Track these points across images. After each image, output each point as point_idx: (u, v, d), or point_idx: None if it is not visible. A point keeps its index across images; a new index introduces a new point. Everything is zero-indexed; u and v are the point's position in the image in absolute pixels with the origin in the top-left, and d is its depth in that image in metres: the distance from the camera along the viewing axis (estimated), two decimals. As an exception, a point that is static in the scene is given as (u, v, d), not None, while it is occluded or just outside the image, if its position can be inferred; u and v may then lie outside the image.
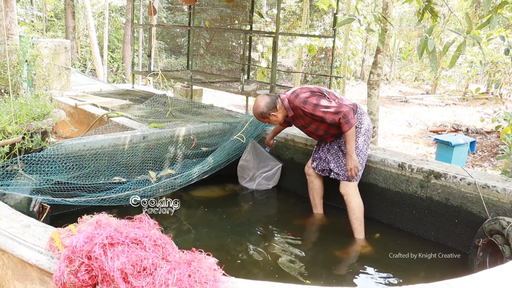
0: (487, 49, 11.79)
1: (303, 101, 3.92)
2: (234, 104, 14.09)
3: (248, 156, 4.95)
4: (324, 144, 4.26)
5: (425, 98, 17.58)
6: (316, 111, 3.87)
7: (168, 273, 1.94)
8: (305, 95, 3.94)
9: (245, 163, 4.97)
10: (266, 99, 4.04)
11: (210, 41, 8.02)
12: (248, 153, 4.94)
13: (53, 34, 17.29)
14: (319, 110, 3.86)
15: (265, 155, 4.98)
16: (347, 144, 3.89)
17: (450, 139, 6.64)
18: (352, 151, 3.88)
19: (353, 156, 3.88)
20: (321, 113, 3.86)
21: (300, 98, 3.94)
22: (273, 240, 3.97)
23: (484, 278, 2.19)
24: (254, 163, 4.95)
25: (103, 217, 2.22)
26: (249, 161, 4.96)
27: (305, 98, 3.92)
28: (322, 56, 12.07)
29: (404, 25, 24.02)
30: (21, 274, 2.45)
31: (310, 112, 3.90)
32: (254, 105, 4.11)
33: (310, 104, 3.89)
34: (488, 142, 10.19)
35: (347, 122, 3.79)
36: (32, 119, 3.64)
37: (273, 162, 5.00)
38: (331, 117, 3.84)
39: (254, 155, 4.95)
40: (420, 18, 4.79)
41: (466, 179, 3.74)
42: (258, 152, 4.96)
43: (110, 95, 7.20)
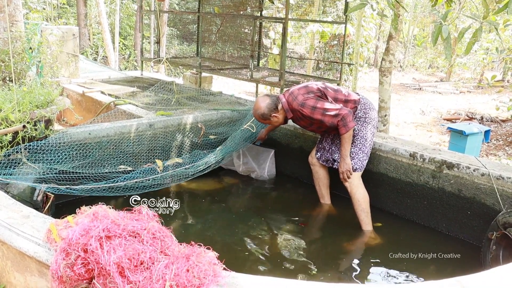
0: (503, 35, 11.53)
1: (300, 104, 3.89)
2: (246, 91, 14.00)
3: (244, 159, 4.95)
4: (328, 134, 4.20)
5: (439, 86, 17.33)
6: (314, 114, 3.85)
7: (166, 268, 1.88)
8: (302, 97, 3.90)
9: (245, 167, 4.96)
10: (267, 100, 4.01)
11: (220, 27, 7.91)
12: (243, 156, 4.94)
13: (65, 21, 17.27)
14: (318, 113, 3.84)
15: (257, 150, 4.99)
16: (341, 147, 3.89)
17: (464, 128, 6.49)
18: (346, 155, 3.88)
19: (346, 160, 3.89)
20: (319, 116, 3.84)
21: (297, 101, 3.91)
22: (279, 232, 3.90)
23: (497, 275, 2.10)
24: (253, 162, 4.93)
25: (101, 209, 2.16)
26: (247, 163, 4.97)
27: (302, 101, 3.89)
28: (335, 43, 11.88)
29: (418, 11, 23.63)
30: (21, 266, 2.41)
31: (308, 115, 3.88)
32: (254, 106, 4.07)
33: (308, 107, 3.86)
34: (503, 130, 9.99)
35: (344, 125, 3.78)
36: (36, 107, 3.59)
37: (266, 152, 5.00)
38: (330, 120, 3.81)
39: (250, 156, 4.95)
40: (434, 3, 4.65)
41: (480, 169, 3.63)
42: (252, 152, 4.96)
43: (119, 82, 7.15)
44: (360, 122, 4.01)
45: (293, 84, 6.22)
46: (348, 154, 3.89)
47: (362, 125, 4.01)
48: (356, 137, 3.99)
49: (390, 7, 4.53)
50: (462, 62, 17.03)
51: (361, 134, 4.00)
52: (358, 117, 4.02)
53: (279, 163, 5.16)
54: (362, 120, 4.02)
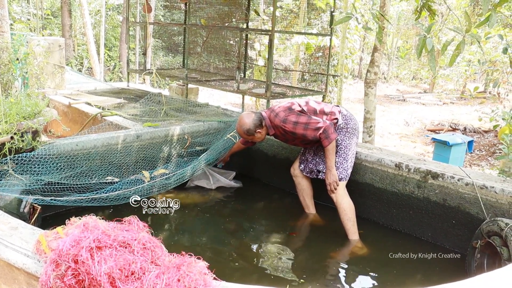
0: (485, 48, 11.74)
1: (282, 120, 3.98)
2: (231, 103, 14.04)
3: (214, 179, 4.95)
4: (310, 147, 4.26)
5: (423, 97, 17.54)
6: (296, 129, 3.94)
7: (157, 278, 1.89)
8: (284, 113, 4.00)
9: (216, 185, 4.96)
10: (252, 116, 4.08)
11: (206, 39, 7.95)
12: (211, 177, 4.94)
13: (50, 32, 17.19)
14: (300, 128, 3.92)
15: (218, 171, 5.01)
16: (326, 159, 3.96)
17: (448, 139, 6.59)
18: (332, 166, 3.95)
19: (332, 171, 3.95)
20: (302, 130, 3.92)
21: (279, 117, 4.00)
22: (267, 241, 3.91)
23: (482, 282, 2.14)
24: (222, 181, 4.97)
25: (91, 220, 2.16)
26: (218, 182, 4.98)
27: (284, 117, 3.97)
28: (320, 54, 11.99)
29: (402, 23, 23.96)
30: (8, 278, 2.39)
31: (290, 130, 3.97)
32: (239, 122, 4.12)
33: (290, 123, 3.95)
34: (485, 141, 10.15)
35: (327, 137, 3.86)
36: (23, 118, 3.57)
37: (227, 174, 5.03)
38: (312, 134, 3.90)
39: (217, 176, 4.97)
40: (418, 16, 4.74)
41: (464, 179, 3.69)
42: (215, 175, 4.96)
43: (105, 93, 7.13)
44: (342, 133, 4.09)
45: (279, 95, 6.27)
46: (334, 165, 3.94)
47: (344, 135, 4.09)
48: (340, 147, 4.06)
49: (375, 20, 4.61)
50: (445, 73, 17.26)
51: (344, 144, 4.07)
52: (340, 128, 4.09)
53: (267, 174, 5.20)
54: (344, 130, 4.10)
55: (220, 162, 4.89)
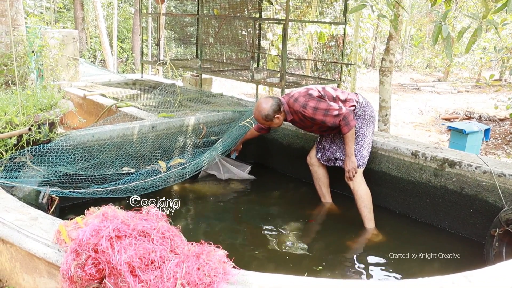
0: (501, 34, 11.57)
1: (302, 105, 3.94)
2: (244, 93, 14.02)
3: (224, 169, 4.95)
4: (328, 134, 4.24)
5: (437, 86, 17.35)
6: (316, 114, 3.90)
7: (177, 266, 1.90)
8: (303, 99, 3.96)
9: (228, 175, 4.95)
10: (270, 101, 4.02)
11: (219, 29, 7.94)
12: (221, 167, 4.93)
13: (63, 25, 17.27)
14: (320, 114, 3.89)
15: (232, 162, 5.00)
16: (346, 146, 3.94)
17: (464, 127, 6.52)
18: (351, 153, 3.93)
19: (352, 158, 3.93)
20: (321, 116, 3.89)
21: (299, 102, 3.96)
22: (284, 230, 3.92)
23: (502, 270, 2.12)
24: (234, 172, 4.95)
25: (110, 209, 2.18)
26: (228, 172, 4.97)
27: (304, 102, 3.93)
28: (333, 43, 11.91)
29: (415, 11, 23.69)
30: (30, 267, 2.43)
31: (310, 116, 3.93)
32: (257, 107, 4.06)
33: (310, 108, 3.91)
34: (501, 129, 10.03)
35: (346, 124, 3.83)
36: (40, 110, 3.59)
37: (242, 167, 5.02)
38: (331, 120, 3.87)
39: (229, 167, 4.95)
40: (433, 3, 4.67)
41: (482, 167, 3.65)
42: (229, 163, 4.95)
43: (119, 85, 7.16)
44: (359, 120, 4.08)
45: (293, 84, 6.24)
46: (353, 152, 3.93)
47: (362, 123, 4.08)
48: (357, 134, 4.05)
49: (390, 8, 4.55)
50: (460, 61, 17.06)
51: (361, 131, 4.07)
52: (358, 115, 4.08)
53: (282, 163, 5.20)
54: (361, 117, 4.09)
55: (233, 152, 4.86)
